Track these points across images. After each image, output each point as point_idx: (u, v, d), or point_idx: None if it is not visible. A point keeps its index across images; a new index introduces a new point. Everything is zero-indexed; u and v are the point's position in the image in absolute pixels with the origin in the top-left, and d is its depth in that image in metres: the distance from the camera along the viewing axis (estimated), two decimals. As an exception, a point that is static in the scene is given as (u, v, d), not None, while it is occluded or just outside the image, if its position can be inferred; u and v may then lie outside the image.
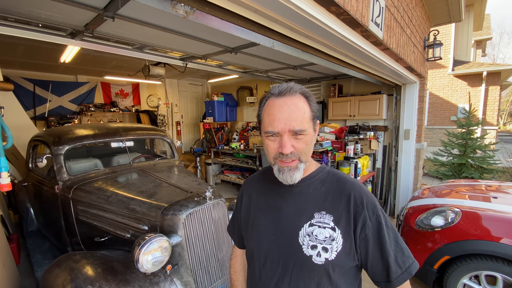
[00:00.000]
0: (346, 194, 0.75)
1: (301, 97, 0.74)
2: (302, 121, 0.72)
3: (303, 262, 0.73)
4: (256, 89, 6.46)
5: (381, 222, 0.72)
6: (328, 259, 0.71)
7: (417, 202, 2.79)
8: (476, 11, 9.08)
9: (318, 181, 0.80)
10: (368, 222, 0.71)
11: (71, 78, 5.92)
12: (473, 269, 2.05)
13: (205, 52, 3.00)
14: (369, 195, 0.76)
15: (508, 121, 27.81)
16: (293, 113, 0.71)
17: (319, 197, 0.77)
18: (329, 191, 0.78)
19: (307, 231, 0.74)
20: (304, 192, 0.79)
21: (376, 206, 0.74)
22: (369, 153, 4.11)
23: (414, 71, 3.56)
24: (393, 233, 0.73)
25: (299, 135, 0.72)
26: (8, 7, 1.73)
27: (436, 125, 9.65)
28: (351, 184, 0.78)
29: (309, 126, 0.74)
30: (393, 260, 0.70)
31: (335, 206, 0.75)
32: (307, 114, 0.73)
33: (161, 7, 1.33)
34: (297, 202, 0.79)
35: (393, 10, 2.46)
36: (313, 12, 1.48)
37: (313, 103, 0.76)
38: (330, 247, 0.71)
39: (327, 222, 0.73)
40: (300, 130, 0.71)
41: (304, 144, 0.74)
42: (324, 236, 0.72)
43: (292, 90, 0.74)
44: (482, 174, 5.70)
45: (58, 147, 2.32)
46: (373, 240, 0.71)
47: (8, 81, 4.63)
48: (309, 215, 0.76)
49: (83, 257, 1.57)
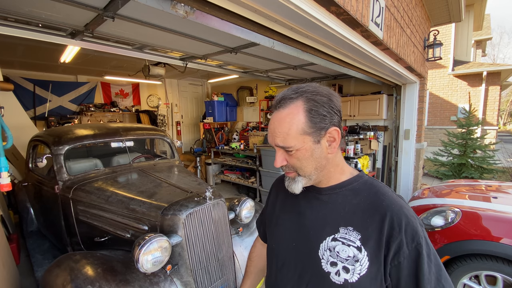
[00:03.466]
0: (382, 211, 0.66)
1: (296, 107, 0.66)
2: (286, 137, 0.66)
3: (320, 278, 0.68)
4: (256, 89, 6.46)
5: (422, 252, 0.62)
6: (348, 280, 0.64)
7: (417, 202, 2.79)
8: (476, 11, 9.08)
9: (350, 192, 0.72)
10: (404, 248, 0.62)
11: (71, 78, 5.93)
12: (473, 269, 2.05)
13: (205, 52, 3.00)
14: (412, 217, 0.65)
15: (508, 121, 27.82)
16: (277, 128, 0.68)
17: (348, 210, 0.70)
18: (361, 205, 0.69)
19: (329, 245, 0.68)
20: (332, 201, 0.73)
21: (418, 233, 0.63)
22: (369, 153, 4.11)
23: (414, 71, 3.56)
24: (436, 268, 0.63)
25: (288, 151, 0.68)
26: (8, 7, 1.73)
27: (436, 125, 9.65)
28: (390, 201, 0.67)
29: (298, 141, 0.66)
30: None
31: (365, 224, 0.66)
32: (295, 128, 0.65)
33: (161, 7, 1.33)
34: (322, 211, 0.73)
35: (393, 10, 2.46)
36: (313, 12, 1.48)
37: (315, 111, 0.66)
38: (352, 268, 0.64)
39: (353, 240, 0.66)
40: (284, 146, 0.68)
41: (296, 159, 0.69)
42: (348, 255, 0.65)
43: (282, 101, 0.67)
44: (482, 174, 5.70)
45: (58, 147, 2.32)
46: (407, 271, 0.62)
47: (8, 81, 4.63)
48: (334, 228, 0.69)
49: (83, 257, 1.57)
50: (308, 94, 0.66)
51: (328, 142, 0.69)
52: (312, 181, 0.72)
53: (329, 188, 0.74)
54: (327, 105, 0.67)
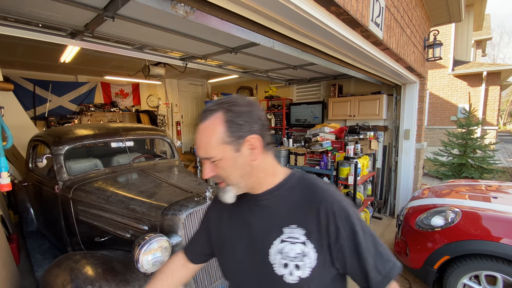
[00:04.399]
0: (316, 203, 0.70)
1: (215, 118, 0.68)
2: (207, 148, 0.69)
3: (276, 283, 0.70)
4: (256, 89, 6.46)
5: (356, 229, 0.68)
6: (301, 276, 0.68)
7: (417, 202, 2.79)
8: (476, 11, 9.08)
9: (287, 191, 0.75)
10: (341, 231, 0.68)
11: (71, 78, 5.93)
12: (473, 269, 2.05)
13: (205, 52, 3.00)
14: (341, 202, 0.71)
15: (508, 121, 27.81)
16: (199, 140, 0.71)
17: (288, 209, 0.73)
18: (299, 201, 0.73)
19: (278, 248, 0.70)
20: (272, 204, 0.75)
21: (349, 214, 0.69)
22: (369, 153, 4.11)
23: (414, 71, 3.56)
24: (370, 238, 0.70)
25: (212, 161, 0.71)
26: (8, 7, 1.73)
27: (436, 125, 9.65)
28: (322, 192, 0.72)
29: (220, 151, 0.68)
30: (372, 267, 0.68)
31: (305, 218, 0.70)
32: (214, 138, 0.68)
33: (161, 7, 1.33)
34: (265, 217, 0.75)
35: (393, 10, 2.46)
36: (313, 12, 1.48)
37: (233, 121, 0.68)
38: (302, 263, 0.68)
39: (297, 236, 0.69)
40: (206, 157, 0.71)
41: (221, 169, 0.71)
42: (296, 252, 0.68)
43: (206, 113, 0.70)
44: (482, 174, 5.70)
45: (58, 147, 2.32)
46: (349, 250, 0.68)
47: (8, 81, 4.63)
48: (279, 231, 0.71)
49: (83, 257, 1.57)
50: (226, 105, 0.69)
51: (250, 149, 0.70)
52: (242, 188, 0.75)
53: (265, 192, 0.76)
54: (244, 114, 0.69)
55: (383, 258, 0.70)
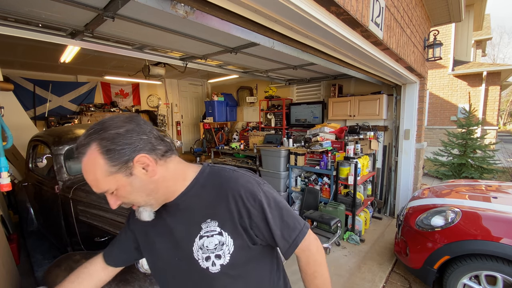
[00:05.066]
0: (224, 193, 0.73)
1: (91, 153, 0.64)
2: (98, 184, 0.66)
3: (202, 277, 0.74)
4: (256, 89, 6.46)
5: (263, 206, 0.73)
6: (223, 264, 0.72)
7: (417, 202, 2.79)
8: (476, 11, 9.08)
9: (199, 189, 0.76)
10: (252, 211, 0.72)
11: (71, 78, 5.93)
12: (473, 269, 2.05)
13: (205, 52, 3.00)
14: (246, 183, 0.74)
15: (508, 121, 27.81)
16: (87, 179, 0.67)
17: (201, 206, 0.75)
18: (210, 196, 0.75)
19: (199, 244, 0.73)
20: (188, 204, 0.76)
21: (255, 193, 0.73)
22: (369, 153, 4.11)
23: (414, 71, 3.56)
24: (277, 210, 0.75)
25: (111, 193, 0.68)
26: (8, 7, 1.73)
27: (436, 125, 9.64)
28: (227, 180, 0.75)
29: (111, 182, 0.65)
30: (279, 237, 0.74)
31: (217, 210, 0.73)
32: (100, 172, 0.64)
33: (161, 7, 1.33)
34: (185, 218, 0.76)
35: (393, 10, 2.46)
36: (313, 12, 1.48)
37: (110, 149, 0.63)
38: (222, 252, 0.72)
39: (213, 229, 0.72)
40: (102, 192, 0.67)
41: (123, 197, 0.69)
42: (214, 244, 0.72)
43: (79, 149, 0.65)
44: (482, 174, 5.70)
45: (58, 147, 2.32)
46: (262, 225, 0.73)
47: (8, 81, 4.63)
48: (198, 228, 0.74)
49: (83, 257, 1.57)
50: (96, 135, 0.64)
51: (144, 169, 0.67)
52: (155, 204, 0.74)
53: (180, 196, 0.76)
54: (121, 137, 0.64)
55: (289, 227, 0.76)
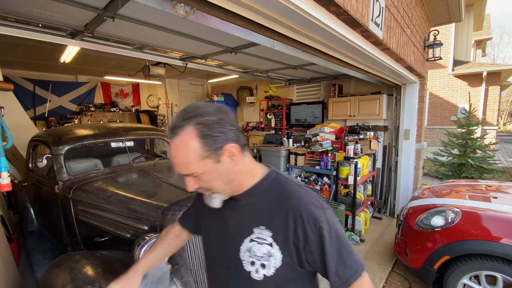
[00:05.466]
0: (285, 206, 0.72)
1: (186, 134, 0.66)
2: (186, 166, 0.68)
3: (244, 278, 0.75)
4: (256, 89, 6.46)
5: (323, 234, 0.69)
6: (266, 275, 0.71)
7: (417, 202, 2.79)
8: (476, 11, 9.08)
9: (262, 192, 0.77)
10: (310, 235, 0.69)
11: (71, 78, 5.93)
12: (473, 269, 2.05)
13: (205, 52, 3.00)
14: (310, 206, 0.71)
15: (508, 121, 27.81)
16: (176, 159, 0.69)
17: (260, 210, 0.75)
18: (270, 203, 0.75)
19: (247, 246, 0.74)
20: (248, 205, 0.78)
21: (318, 218, 0.70)
22: (369, 153, 4.11)
23: (414, 71, 3.56)
24: (337, 243, 0.70)
25: (194, 176, 0.71)
26: (8, 7, 1.73)
27: (436, 125, 9.65)
28: (289, 194, 0.74)
29: (200, 166, 0.68)
30: (332, 272, 0.70)
31: (274, 221, 0.73)
32: (192, 155, 0.67)
33: (161, 7, 1.33)
34: (241, 216, 0.78)
35: (393, 10, 2.46)
36: (313, 12, 1.48)
37: (207, 134, 0.66)
38: (268, 263, 0.71)
39: (264, 237, 0.72)
40: (187, 174, 0.70)
41: (204, 182, 0.72)
42: (262, 252, 0.72)
43: (175, 130, 0.68)
44: (482, 174, 5.70)
45: (58, 147, 2.32)
46: (316, 253, 0.70)
47: (8, 81, 4.63)
48: (249, 230, 0.75)
49: (83, 257, 1.57)
50: (195, 119, 0.67)
51: (229, 158, 0.70)
52: (227, 194, 0.77)
53: (244, 193, 0.78)
54: (217, 125, 0.68)
55: (345, 264, 0.70)
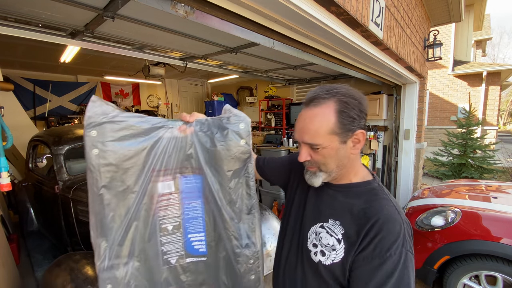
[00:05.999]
0: (368, 219, 0.70)
1: (327, 107, 0.69)
2: (315, 135, 0.69)
3: (304, 252, 0.80)
4: (256, 89, 6.46)
5: (386, 262, 0.63)
6: (322, 262, 0.73)
7: (417, 202, 2.79)
8: (476, 11, 9.08)
9: (353, 194, 0.77)
10: (370, 247, 0.66)
11: (71, 78, 5.92)
12: (473, 269, 2.05)
13: (205, 52, 3.00)
14: (393, 229, 0.66)
15: (508, 121, 27.81)
16: (306, 125, 0.71)
17: (342, 208, 0.76)
18: (355, 209, 0.73)
19: (317, 230, 0.77)
20: (335, 196, 0.79)
21: (391, 246, 0.64)
22: (369, 153, 4.11)
23: (414, 71, 3.56)
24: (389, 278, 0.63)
25: (314, 147, 0.72)
26: (8, 7, 1.73)
27: (436, 125, 9.65)
28: (380, 210, 0.70)
29: (326, 140, 0.69)
30: None
31: (352, 224, 0.72)
32: (325, 127, 0.68)
33: (161, 7, 1.33)
34: (323, 203, 0.81)
35: (393, 10, 2.46)
36: (313, 12, 1.48)
37: (347, 113, 0.68)
38: (328, 253, 0.73)
39: (336, 232, 0.73)
40: (312, 144, 0.71)
41: (321, 156, 0.72)
42: (327, 242, 0.73)
43: (316, 100, 0.70)
44: (482, 174, 5.70)
45: (58, 147, 2.32)
46: (360, 269, 0.67)
47: (8, 81, 4.63)
48: (326, 218, 0.77)
49: (83, 257, 1.57)
50: (340, 96, 0.69)
51: (353, 143, 0.73)
52: (331, 177, 0.77)
53: (338, 185, 0.80)
54: (357, 108, 0.70)
55: None
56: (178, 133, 0.73)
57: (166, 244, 0.76)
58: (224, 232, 0.79)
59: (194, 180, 0.77)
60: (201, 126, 0.75)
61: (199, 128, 0.75)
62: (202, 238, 0.79)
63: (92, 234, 0.69)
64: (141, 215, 0.72)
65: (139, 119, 0.69)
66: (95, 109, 0.66)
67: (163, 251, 0.76)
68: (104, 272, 0.68)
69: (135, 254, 0.72)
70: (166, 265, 0.77)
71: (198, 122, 0.75)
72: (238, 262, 0.79)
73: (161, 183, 0.73)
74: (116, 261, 0.70)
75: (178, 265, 0.78)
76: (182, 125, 0.73)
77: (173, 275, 0.78)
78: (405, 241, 0.66)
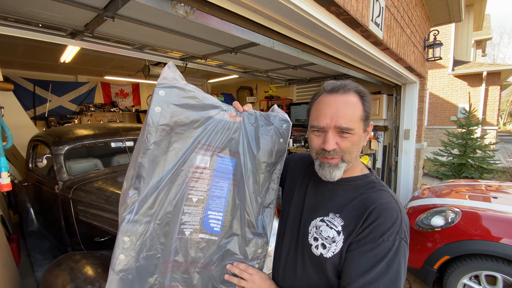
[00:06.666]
0: (366, 207, 0.72)
1: (355, 95, 0.73)
2: (351, 119, 0.71)
3: (305, 246, 0.80)
4: (256, 89, 6.46)
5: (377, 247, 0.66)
6: (323, 255, 0.74)
7: (417, 202, 2.79)
8: (476, 11, 9.08)
9: (352, 188, 0.78)
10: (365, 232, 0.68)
11: (71, 78, 5.92)
12: (473, 269, 2.05)
13: (205, 52, 3.00)
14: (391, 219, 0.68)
15: (508, 121, 27.81)
16: (342, 109, 0.71)
17: (342, 202, 0.77)
18: (355, 201, 0.75)
19: (317, 224, 0.78)
20: (334, 190, 0.80)
21: (386, 232, 0.66)
22: (369, 153, 4.12)
23: (414, 71, 3.56)
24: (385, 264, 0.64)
25: (345, 133, 0.71)
26: (8, 7, 1.73)
27: (436, 125, 9.64)
28: (378, 199, 0.72)
29: (358, 126, 0.72)
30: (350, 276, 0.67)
31: (351, 216, 0.73)
32: (357, 113, 0.72)
33: (161, 7, 1.33)
34: (323, 197, 0.82)
35: (393, 10, 2.46)
36: (313, 12, 1.48)
37: (367, 103, 0.74)
38: (329, 246, 0.74)
39: (336, 224, 0.74)
40: (347, 128, 0.71)
41: (350, 143, 0.72)
42: (328, 235, 0.74)
43: (345, 88, 0.73)
44: (482, 174, 5.70)
45: (58, 147, 2.32)
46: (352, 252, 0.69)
47: (8, 81, 4.63)
48: (326, 212, 0.78)
49: (83, 257, 1.57)
50: (359, 89, 0.75)
51: (366, 133, 0.78)
52: (348, 167, 0.77)
53: (338, 179, 0.79)
54: (369, 101, 0.76)
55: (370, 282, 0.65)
56: (228, 117, 0.80)
57: (187, 214, 0.80)
58: (243, 215, 0.84)
59: (229, 162, 0.83)
60: (249, 117, 0.84)
61: (247, 119, 0.83)
62: (220, 217, 0.83)
63: (125, 185, 0.73)
64: (176, 180, 0.77)
65: (203, 94, 0.77)
66: (170, 73, 0.73)
67: (182, 220, 0.79)
68: (128, 224, 0.71)
69: (159, 217, 0.75)
70: (180, 234, 0.80)
71: (247, 113, 0.84)
72: (248, 247, 0.85)
73: (200, 156, 0.79)
74: (141, 218, 0.73)
75: (190, 238, 0.81)
76: (233, 112, 0.81)
77: (183, 247, 0.80)
78: (401, 229, 0.68)
